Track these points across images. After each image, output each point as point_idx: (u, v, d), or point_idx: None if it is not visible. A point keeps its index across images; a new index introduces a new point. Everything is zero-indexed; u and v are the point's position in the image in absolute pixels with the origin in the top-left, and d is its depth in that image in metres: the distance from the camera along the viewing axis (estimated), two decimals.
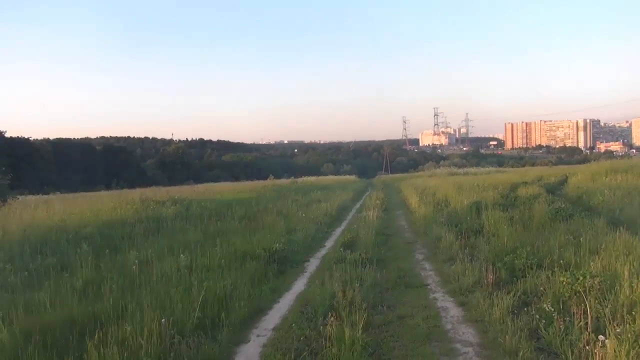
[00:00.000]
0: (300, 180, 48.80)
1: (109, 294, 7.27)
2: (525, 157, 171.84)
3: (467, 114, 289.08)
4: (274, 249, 10.54)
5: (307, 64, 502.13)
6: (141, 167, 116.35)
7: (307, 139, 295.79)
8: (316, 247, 13.04)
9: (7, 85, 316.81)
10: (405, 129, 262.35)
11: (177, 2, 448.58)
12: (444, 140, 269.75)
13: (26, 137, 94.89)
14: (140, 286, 7.72)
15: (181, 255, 9.64)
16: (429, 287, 8.58)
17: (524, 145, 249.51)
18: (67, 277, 8.35)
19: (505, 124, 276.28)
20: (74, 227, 14.25)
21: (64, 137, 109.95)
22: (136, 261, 9.37)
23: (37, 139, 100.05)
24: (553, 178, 31.89)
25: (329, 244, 13.46)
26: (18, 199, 24.49)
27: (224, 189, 34.86)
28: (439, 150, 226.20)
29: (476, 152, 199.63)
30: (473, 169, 68.58)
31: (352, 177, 76.34)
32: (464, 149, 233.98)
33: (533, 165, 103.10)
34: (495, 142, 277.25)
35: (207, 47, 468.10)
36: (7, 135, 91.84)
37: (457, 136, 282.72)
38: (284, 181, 45.91)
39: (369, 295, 7.48)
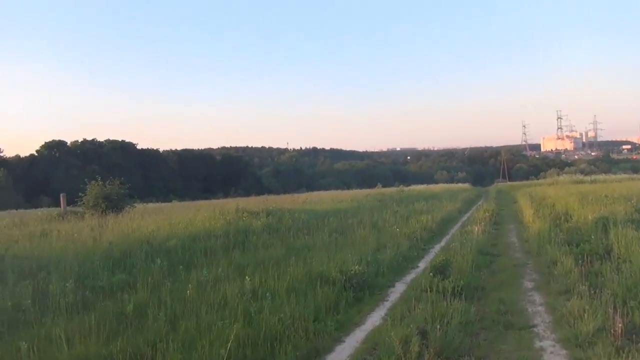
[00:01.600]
0: (407, 188, 46.93)
1: (151, 324, 6.48)
2: None
3: (595, 115, 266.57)
4: (353, 271, 9.23)
5: (419, 69, 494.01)
6: (257, 175, 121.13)
7: (420, 145, 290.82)
8: (406, 269, 11.51)
9: (136, 101, 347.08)
10: (524, 134, 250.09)
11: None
12: (568, 145, 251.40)
13: (155, 148, 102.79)
14: (187, 315, 6.84)
15: (247, 277, 8.65)
16: (535, 329, 6.79)
17: None
18: (120, 299, 7.74)
19: None
20: (163, 238, 14.03)
21: (187, 147, 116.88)
22: (198, 282, 8.59)
23: (164, 150, 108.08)
24: None
25: (422, 264, 11.86)
26: (135, 207, 25.65)
27: (325, 197, 34.18)
28: (563, 156, 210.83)
29: (606, 157, 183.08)
30: (602, 176, 61.88)
31: (465, 186, 72.54)
32: (592, 154, 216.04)
33: None
34: (629, 146, 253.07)
35: (321, 56, 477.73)
36: (139, 147, 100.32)
37: (583, 140, 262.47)
38: (390, 190, 44.34)
39: (453, 340, 5.95)
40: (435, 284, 8.43)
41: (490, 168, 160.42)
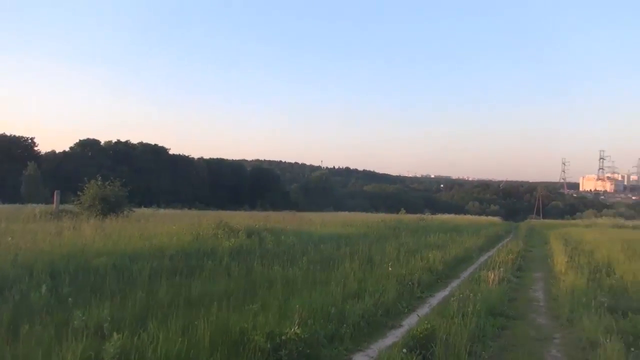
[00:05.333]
0: (429, 217, 43.46)
1: None
2: None
3: (639, 158, 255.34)
4: (288, 335, 6.21)
5: (458, 97, 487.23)
6: (286, 190, 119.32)
7: (454, 175, 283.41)
8: (382, 330, 8.35)
9: (173, 107, 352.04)
10: (564, 171, 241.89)
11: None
12: (608, 187, 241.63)
13: (187, 154, 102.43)
14: None
15: (114, 334, 5.74)
16: None
17: None
18: None
19: None
20: (95, 253, 11.32)
21: (221, 157, 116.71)
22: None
23: (194, 158, 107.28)
24: None
25: (409, 323, 8.69)
26: (134, 211, 24.09)
27: (336, 219, 31.11)
28: (602, 198, 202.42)
29: None
30: None
31: (495, 219, 68.35)
32: (633, 198, 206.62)
33: None
34: None
35: (363, 77, 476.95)
36: (171, 152, 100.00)
37: (625, 183, 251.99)
38: (411, 217, 40.92)
39: None
40: None
41: (524, 203, 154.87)
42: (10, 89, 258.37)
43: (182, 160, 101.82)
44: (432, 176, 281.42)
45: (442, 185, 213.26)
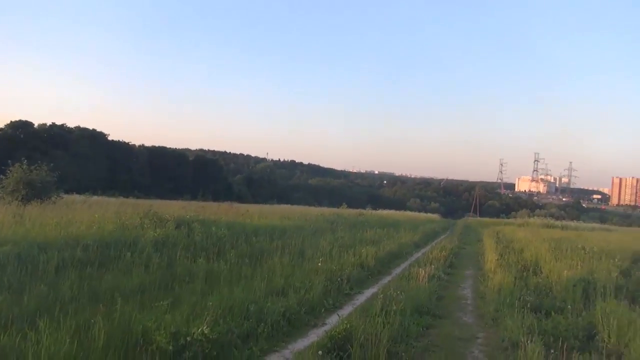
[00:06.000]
0: (368, 212, 43.62)
1: None
2: (632, 215, 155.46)
3: (570, 162, 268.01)
4: (194, 336, 5.70)
5: (405, 97, 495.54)
6: (229, 181, 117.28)
7: (397, 171, 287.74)
8: (304, 329, 7.96)
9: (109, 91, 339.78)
10: (501, 172, 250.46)
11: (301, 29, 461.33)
12: (542, 188, 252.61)
13: (126, 141, 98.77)
14: None
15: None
16: None
17: (633, 203, 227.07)
18: None
19: (613, 177, 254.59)
20: (17, 240, 10.36)
21: (162, 145, 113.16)
22: None
23: (134, 145, 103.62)
24: None
25: (331, 323, 8.27)
26: (62, 197, 22.84)
27: (275, 211, 30.59)
28: (535, 198, 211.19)
29: (577, 204, 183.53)
30: (574, 223, 59.91)
31: (434, 216, 69.80)
32: (563, 199, 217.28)
33: None
34: (599, 196, 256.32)
35: (312, 71, 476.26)
36: (109, 138, 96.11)
37: (557, 185, 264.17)
38: (350, 211, 40.85)
39: None
40: None
41: (463, 201, 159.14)
42: None
43: (122, 147, 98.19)
44: (376, 172, 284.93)
45: (385, 182, 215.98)
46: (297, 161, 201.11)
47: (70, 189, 35.48)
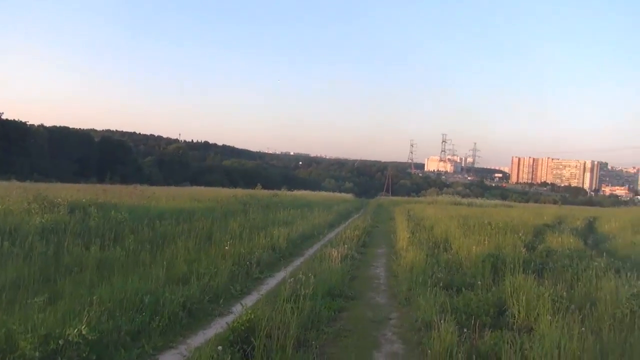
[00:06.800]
0: (283, 193, 43.13)
1: None
2: (529, 192, 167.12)
3: (475, 143, 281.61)
4: (63, 342, 4.85)
5: (318, 78, 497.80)
6: (138, 163, 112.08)
7: (313, 152, 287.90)
8: (207, 319, 7.28)
9: (9, 68, 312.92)
10: (411, 152, 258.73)
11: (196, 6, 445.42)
12: (449, 168, 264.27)
13: (23, 121, 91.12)
14: None
15: None
16: None
17: (529, 181, 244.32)
18: None
19: (512, 157, 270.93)
20: None
21: (64, 125, 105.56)
22: None
23: (33, 125, 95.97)
24: (578, 222, 26.26)
25: (237, 312, 7.61)
26: None
27: (184, 194, 29.18)
28: (443, 177, 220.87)
29: (480, 182, 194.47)
30: (478, 200, 63.14)
31: (348, 196, 70.63)
32: (469, 178, 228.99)
33: (537, 201, 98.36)
34: (500, 175, 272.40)
35: (221, 52, 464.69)
36: (3, 117, 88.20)
37: (462, 165, 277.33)
38: (264, 192, 40.09)
39: None
40: None
41: (376, 182, 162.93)
42: None
43: (17, 127, 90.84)
44: (292, 153, 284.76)
45: (300, 163, 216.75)
46: (210, 142, 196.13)
47: None
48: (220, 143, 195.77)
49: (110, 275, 8.33)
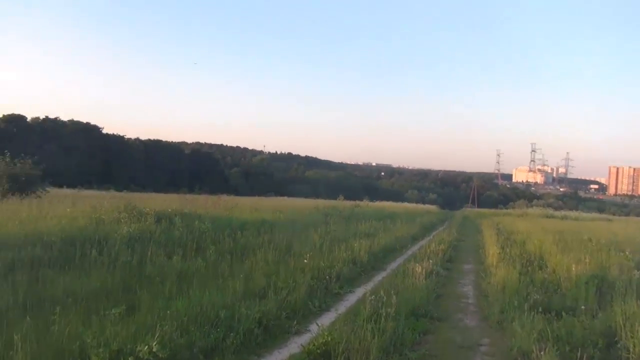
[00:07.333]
0: (364, 204, 42.64)
1: None
2: (629, 205, 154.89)
3: (567, 153, 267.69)
4: (141, 354, 4.70)
5: (402, 87, 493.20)
6: (225, 174, 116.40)
7: (395, 163, 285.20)
8: (277, 342, 6.86)
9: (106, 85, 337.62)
10: (498, 163, 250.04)
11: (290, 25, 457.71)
12: (539, 179, 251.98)
13: (121, 134, 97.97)
14: None
15: None
16: None
17: (630, 192, 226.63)
18: None
19: (610, 167, 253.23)
20: None
21: (156, 138, 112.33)
22: None
23: (130, 138, 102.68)
24: None
25: (314, 329, 7.22)
26: (48, 191, 22.61)
27: (266, 205, 29.52)
28: (533, 189, 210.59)
29: (574, 194, 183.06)
30: (572, 213, 59.02)
31: (432, 207, 68.81)
32: (561, 189, 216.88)
33: (639, 215, 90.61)
34: (596, 186, 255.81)
35: (308, 62, 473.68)
36: (104, 131, 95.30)
37: (554, 175, 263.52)
38: (345, 203, 39.86)
39: None
40: None
41: (461, 193, 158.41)
42: None
43: (116, 141, 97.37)
44: (374, 164, 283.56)
45: (382, 173, 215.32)
46: (294, 154, 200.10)
47: (63, 183, 34.77)
48: (303, 154, 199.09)
49: (189, 287, 8.25)
